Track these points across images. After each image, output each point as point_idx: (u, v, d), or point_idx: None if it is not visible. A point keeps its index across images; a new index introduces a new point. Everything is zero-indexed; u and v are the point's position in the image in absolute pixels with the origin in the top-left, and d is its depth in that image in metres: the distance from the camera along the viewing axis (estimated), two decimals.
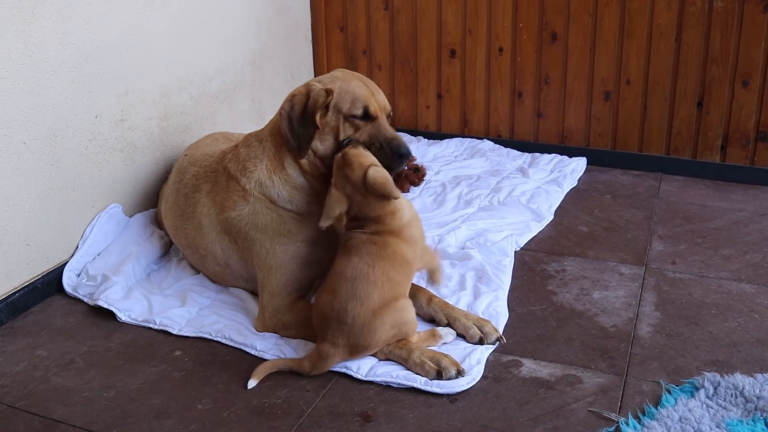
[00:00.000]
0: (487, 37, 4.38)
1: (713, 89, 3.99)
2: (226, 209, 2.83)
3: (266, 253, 2.74)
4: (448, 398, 2.40)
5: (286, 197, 2.74)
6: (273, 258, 2.73)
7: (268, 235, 2.74)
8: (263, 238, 2.75)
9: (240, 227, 2.80)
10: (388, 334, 2.48)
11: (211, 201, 2.90)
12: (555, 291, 3.02)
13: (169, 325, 2.80)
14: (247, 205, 2.77)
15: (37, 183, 2.97)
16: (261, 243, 2.75)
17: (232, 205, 2.81)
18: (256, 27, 4.23)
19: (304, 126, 2.67)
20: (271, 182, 2.75)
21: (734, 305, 2.89)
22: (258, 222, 2.75)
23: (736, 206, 3.77)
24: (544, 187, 3.92)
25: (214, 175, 2.93)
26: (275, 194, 2.74)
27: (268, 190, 2.75)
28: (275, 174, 2.75)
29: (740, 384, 2.37)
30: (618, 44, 4.11)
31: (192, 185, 3.02)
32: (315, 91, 2.69)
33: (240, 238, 2.81)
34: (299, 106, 2.69)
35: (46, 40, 2.93)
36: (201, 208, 2.93)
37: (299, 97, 2.71)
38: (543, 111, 4.39)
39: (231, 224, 2.82)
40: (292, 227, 2.73)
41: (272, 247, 2.73)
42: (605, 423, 2.28)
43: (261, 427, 2.29)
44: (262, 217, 2.75)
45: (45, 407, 2.41)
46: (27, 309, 2.97)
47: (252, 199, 2.77)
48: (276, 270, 2.73)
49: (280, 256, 2.72)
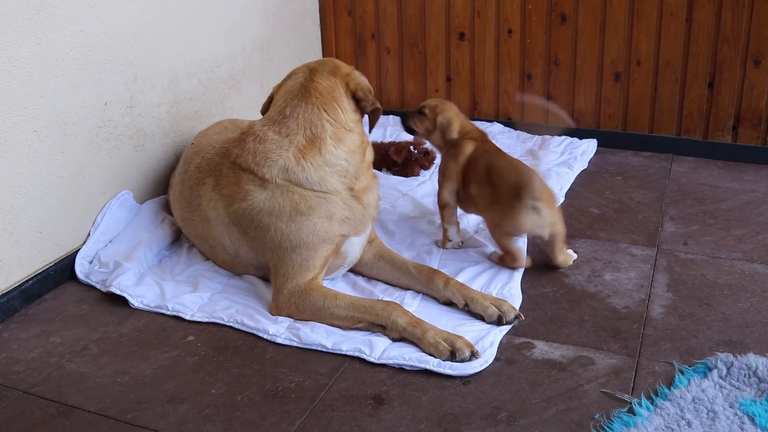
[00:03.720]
0: (496, 19, 4.35)
1: (724, 69, 3.96)
2: (236, 201, 2.83)
3: (281, 235, 2.75)
4: (461, 380, 2.40)
5: (316, 180, 2.78)
6: (288, 239, 2.75)
7: (284, 215, 2.75)
8: (278, 221, 2.75)
9: (252, 216, 2.80)
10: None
11: (218, 195, 2.90)
12: (566, 273, 3.02)
13: (181, 311, 2.81)
14: (264, 192, 2.78)
15: (48, 171, 2.98)
16: (275, 226, 2.76)
17: (243, 196, 2.81)
18: (263, 12, 4.22)
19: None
20: (300, 167, 2.77)
21: (747, 286, 2.88)
22: (274, 206, 2.76)
23: (748, 187, 3.75)
24: (555, 169, 3.91)
25: (218, 168, 2.93)
26: (304, 178, 2.77)
27: (296, 175, 2.77)
28: (305, 160, 2.78)
29: (753, 364, 2.36)
30: (628, 25, 4.08)
31: (196, 178, 3.03)
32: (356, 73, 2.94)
33: (251, 227, 2.82)
34: (366, 85, 2.94)
35: (54, 28, 2.93)
36: (207, 202, 2.95)
37: (361, 80, 2.94)
38: (553, 93, 4.36)
39: (241, 215, 2.83)
40: (313, 204, 2.76)
41: (288, 227, 2.75)
42: (618, 404, 2.28)
43: (274, 411, 2.30)
44: (281, 200, 2.76)
45: (60, 393, 2.43)
46: (40, 296, 2.99)
47: (272, 186, 2.77)
48: (292, 250, 2.74)
49: (296, 235, 2.74)
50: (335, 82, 2.85)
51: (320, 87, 2.83)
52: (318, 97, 2.81)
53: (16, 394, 2.43)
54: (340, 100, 2.84)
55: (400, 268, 2.93)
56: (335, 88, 2.84)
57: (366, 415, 2.27)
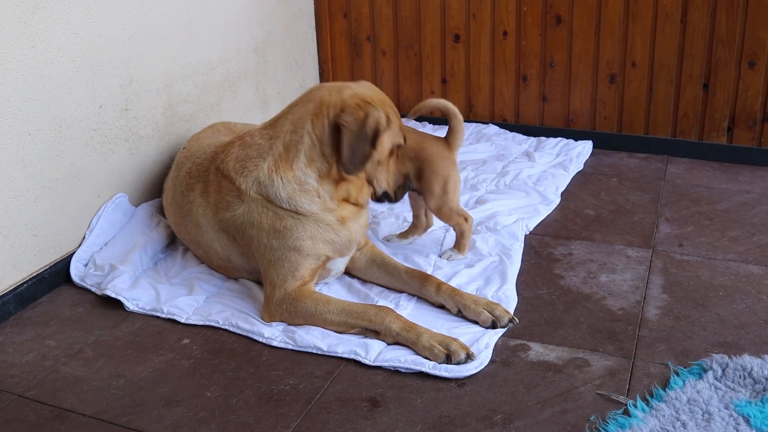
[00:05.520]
0: (491, 21, 4.35)
1: (719, 70, 3.97)
2: (220, 210, 2.82)
3: (264, 248, 2.74)
4: (456, 383, 2.40)
5: (285, 197, 2.69)
6: (271, 253, 2.73)
7: (264, 231, 2.72)
8: (260, 235, 2.73)
9: (236, 226, 2.79)
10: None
11: (206, 202, 2.89)
12: (562, 275, 3.02)
13: (176, 314, 2.80)
14: (242, 205, 2.75)
15: (43, 174, 2.98)
16: (258, 239, 2.74)
17: (226, 206, 2.80)
18: (259, 14, 4.22)
19: (363, 144, 2.62)
20: (270, 181, 2.70)
21: (742, 287, 2.88)
22: (254, 220, 2.73)
23: (743, 188, 3.76)
24: (550, 170, 3.91)
25: (206, 174, 2.92)
26: (273, 194, 2.69)
27: (266, 189, 2.70)
28: (277, 173, 2.69)
29: (748, 365, 2.36)
30: (623, 26, 4.08)
31: (186, 183, 3.02)
32: (377, 114, 2.61)
33: (239, 235, 2.81)
34: (359, 124, 2.60)
35: (49, 31, 2.92)
36: (197, 208, 2.94)
37: (358, 113, 2.61)
38: (548, 95, 4.37)
39: (228, 224, 2.82)
40: (288, 224, 2.70)
41: (269, 242, 2.72)
42: (613, 405, 2.28)
43: (269, 414, 2.30)
44: (257, 216, 2.72)
45: (55, 397, 2.42)
46: (35, 299, 2.98)
47: (247, 198, 2.73)
48: (275, 263, 2.72)
49: (278, 251, 2.71)
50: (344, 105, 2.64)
51: (328, 99, 2.67)
52: (317, 106, 2.67)
53: (11, 398, 2.43)
54: (333, 127, 2.65)
55: (393, 273, 2.91)
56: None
57: (361, 418, 2.27)
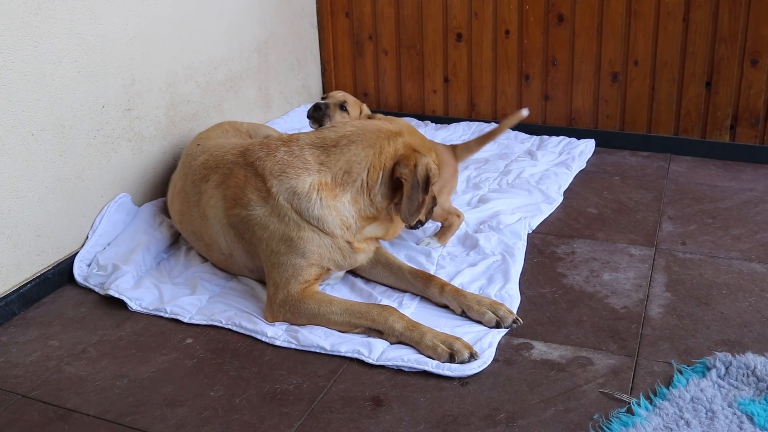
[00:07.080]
0: (493, 20, 4.35)
1: (722, 68, 3.96)
2: (238, 206, 2.80)
3: (271, 251, 2.73)
4: (460, 381, 2.40)
5: (316, 216, 2.69)
6: (277, 256, 2.72)
7: (276, 236, 2.72)
8: (270, 239, 2.73)
9: (248, 225, 2.78)
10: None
11: (220, 194, 2.87)
12: (565, 273, 3.02)
13: (179, 314, 2.81)
14: (265, 207, 2.73)
15: (46, 174, 2.98)
16: (268, 243, 2.74)
17: (246, 203, 2.77)
18: (261, 13, 4.22)
19: (418, 194, 2.67)
20: (307, 197, 2.68)
21: (745, 285, 2.88)
22: (269, 225, 2.72)
23: (745, 186, 3.75)
24: (553, 169, 3.91)
25: (230, 167, 2.87)
26: (305, 208, 2.68)
27: (299, 201, 2.69)
28: (318, 194, 2.68)
29: (752, 363, 2.36)
30: (625, 25, 4.08)
31: (200, 173, 3.00)
32: (426, 161, 2.67)
33: (247, 234, 2.80)
34: (414, 175, 2.66)
35: (51, 31, 2.93)
36: (207, 199, 2.92)
37: (410, 164, 2.67)
38: (550, 93, 4.37)
39: (239, 221, 2.81)
40: (305, 235, 2.70)
41: (278, 247, 2.72)
42: (617, 404, 2.28)
43: (273, 413, 2.30)
44: (276, 222, 2.71)
45: (58, 397, 2.43)
46: (39, 300, 2.98)
47: (273, 202, 2.71)
48: (280, 266, 2.72)
49: (285, 255, 2.71)
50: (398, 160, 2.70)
51: (386, 149, 2.71)
52: (377, 155, 2.70)
53: (15, 398, 2.43)
54: (387, 176, 2.71)
55: (397, 274, 2.91)
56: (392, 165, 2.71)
57: (365, 417, 2.27)
